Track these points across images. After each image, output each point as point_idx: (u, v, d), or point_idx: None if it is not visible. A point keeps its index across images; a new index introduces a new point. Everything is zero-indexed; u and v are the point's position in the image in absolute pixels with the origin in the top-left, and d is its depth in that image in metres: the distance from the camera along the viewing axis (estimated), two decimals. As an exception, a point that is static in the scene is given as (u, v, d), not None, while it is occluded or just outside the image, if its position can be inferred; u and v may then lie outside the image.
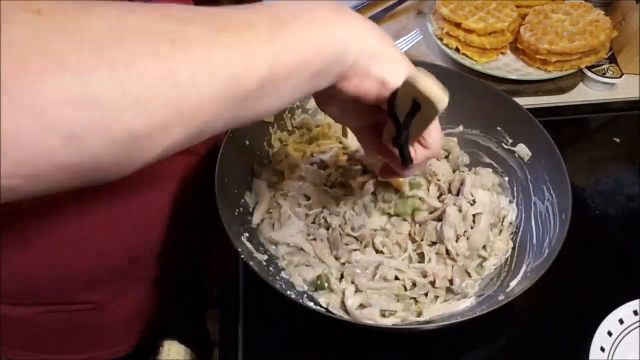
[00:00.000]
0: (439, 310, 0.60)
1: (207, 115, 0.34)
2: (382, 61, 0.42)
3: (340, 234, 0.64)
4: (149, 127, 0.32)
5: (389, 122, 0.47)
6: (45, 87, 0.28)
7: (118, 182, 0.36)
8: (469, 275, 0.63)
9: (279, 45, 0.36)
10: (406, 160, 0.47)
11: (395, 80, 0.43)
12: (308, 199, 0.67)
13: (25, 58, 0.28)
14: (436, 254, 0.63)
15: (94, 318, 0.69)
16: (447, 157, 0.75)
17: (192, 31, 0.33)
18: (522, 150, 0.70)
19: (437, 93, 0.40)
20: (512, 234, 0.68)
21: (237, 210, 0.66)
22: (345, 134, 0.73)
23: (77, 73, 0.29)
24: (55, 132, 0.29)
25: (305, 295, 0.62)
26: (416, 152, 0.48)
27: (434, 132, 0.48)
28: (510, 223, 0.68)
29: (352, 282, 0.62)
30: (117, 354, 0.75)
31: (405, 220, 0.67)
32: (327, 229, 0.65)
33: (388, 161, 0.54)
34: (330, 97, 0.47)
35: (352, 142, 0.73)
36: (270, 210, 0.67)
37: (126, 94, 0.30)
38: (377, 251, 0.64)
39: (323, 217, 0.65)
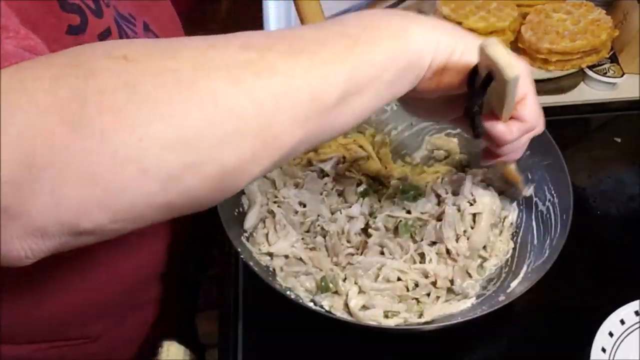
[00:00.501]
0: (440, 310, 0.60)
1: (292, 140, 0.35)
2: (456, 53, 0.42)
3: (339, 239, 0.64)
4: (239, 160, 0.32)
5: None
6: (142, 135, 0.28)
7: None
8: (470, 275, 0.63)
9: (354, 61, 0.37)
10: (477, 132, 0.46)
11: (468, 58, 0.42)
12: (304, 206, 0.67)
13: (120, 107, 0.28)
14: (436, 253, 0.63)
15: (90, 350, 0.68)
16: (446, 157, 0.75)
17: (271, 58, 0.34)
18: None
19: (505, 59, 0.39)
20: (513, 234, 0.67)
21: (236, 210, 0.66)
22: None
23: (170, 117, 0.29)
24: (153, 177, 0.29)
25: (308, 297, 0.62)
26: (512, 128, 0.46)
27: (527, 103, 0.46)
28: (512, 223, 0.68)
29: (356, 283, 0.62)
30: None
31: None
32: (324, 237, 0.64)
33: (488, 144, 0.52)
34: (417, 100, 0.46)
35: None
36: (264, 219, 0.66)
37: (217, 131, 0.31)
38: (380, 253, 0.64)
39: (319, 225, 0.65)
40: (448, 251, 0.63)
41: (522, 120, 0.46)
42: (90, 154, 0.27)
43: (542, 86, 0.91)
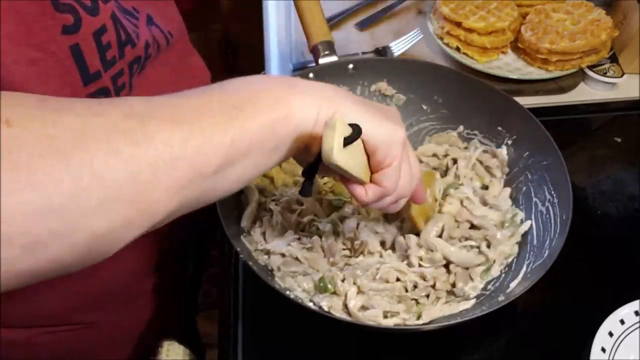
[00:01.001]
0: (439, 311, 0.60)
1: (167, 207, 0.35)
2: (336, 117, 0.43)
3: (335, 240, 0.64)
4: (111, 227, 0.33)
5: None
6: (12, 201, 0.28)
7: None
8: (472, 279, 0.62)
9: (234, 131, 0.38)
10: (303, 190, 0.47)
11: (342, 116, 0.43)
12: (301, 205, 0.67)
13: None
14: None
15: (87, 337, 0.69)
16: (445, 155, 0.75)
17: (151, 127, 0.34)
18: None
19: (329, 144, 0.40)
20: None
21: (236, 210, 0.66)
22: None
23: (41, 185, 0.29)
24: (16, 243, 0.29)
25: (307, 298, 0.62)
26: (368, 191, 0.48)
27: (388, 171, 0.47)
28: (525, 232, 0.66)
29: (354, 284, 0.62)
30: None
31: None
32: (320, 237, 0.64)
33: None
34: (301, 155, 0.47)
35: None
36: (261, 217, 0.66)
37: (88, 199, 0.31)
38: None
39: (314, 225, 0.65)
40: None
41: (379, 185, 0.48)
42: None
43: (542, 86, 0.91)
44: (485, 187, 0.71)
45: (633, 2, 0.91)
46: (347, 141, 0.41)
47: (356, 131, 0.42)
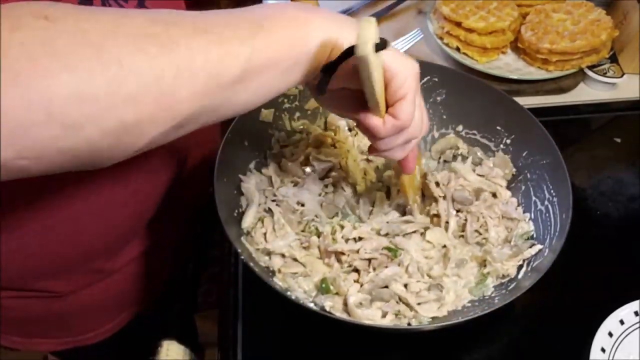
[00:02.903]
0: (439, 310, 0.60)
1: (189, 109, 0.39)
2: (345, 41, 0.44)
3: (333, 240, 0.63)
4: (137, 119, 0.36)
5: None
6: (51, 84, 0.32)
7: (98, 173, 0.39)
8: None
9: (255, 44, 0.40)
10: (319, 88, 0.46)
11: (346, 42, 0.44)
12: (302, 205, 0.67)
13: (36, 59, 0.32)
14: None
15: (58, 306, 0.70)
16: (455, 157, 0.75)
17: (177, 33, 0.37)
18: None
19: (365, 37, 0.40)
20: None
21: (236, 210, 0.66)
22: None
23: (78, 72, 0.33)
24: (56, 122, 0.33)
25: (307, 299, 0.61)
26: (386, 123, 0.48)
27: (404, 103, 0.48)
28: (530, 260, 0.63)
29: (355, 281, 0.62)
30: (85, 341, 0.77)
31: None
32: (318, 237, 0.64)
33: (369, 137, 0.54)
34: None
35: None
36: (262, 218, 0.66)
37: (119, 90, 0.34)
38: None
39: (314, 226, 0.65)
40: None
41: (395, 118, 0.48)
42: (4, 94, 0.31)
43: (542, 86, 0.91)
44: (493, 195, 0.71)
45: (633, 2, 0.91)
46: (379, 47, 0.41)
47: (384, 41, 0.42)
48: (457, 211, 0.68)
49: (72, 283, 0.69)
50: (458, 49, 0.93)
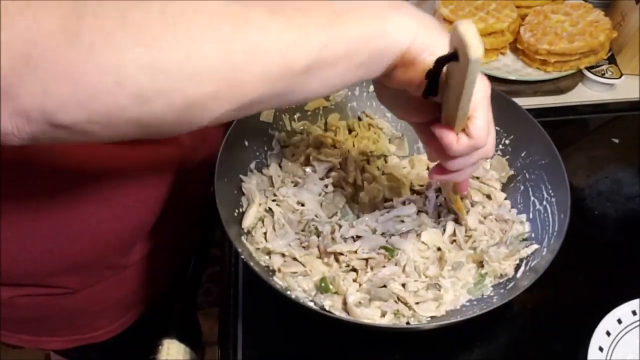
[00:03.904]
0: (437, 309, 0.60)
1: (256, 91, 0.38)
2: (428, 51, 0.43)
3: (332, 240, 0.64)
4: (204, 96, 0.36)
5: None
6: (123, 55, 0.33)
7: (110, 174, 0.38)
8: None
9: (331, 33, 0.39)
10: (429, 90, 0.44)
11: (434, 52, 0.42)
12: (302, 205, 0.67)
13: (109, 29, 0.33)
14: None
15: (68, 303, 0.70)
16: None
17: (252, 15, 0.37)
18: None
19: (474, 39, 0.38)
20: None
21: (237, 210, 0.66)
22: None
23: (150, 45, 0.33)
24: (126, 92, 0.34)
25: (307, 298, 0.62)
26: (461, 139, 0.46)
27: (478, 120, 0.46)
28: (525, 257, 0.64)
29: (354, 281, 0.62)
30: (93, 339, 0.77)
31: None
32: (317, 237, 0.64)
33: (438, 157, 0.52)
34: (384, 88, 0.48)
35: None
36: (263, 218, 0.66)
37: (189, 66, 0.35)
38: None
39: (313, 225, 0.65)
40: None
41: (470, 136, 0.46)
42: (77, 61, 0.32)
43: (541, 87, 0.91)
44: (487, 196, 0.71)
45: (631, 3, 0.91)
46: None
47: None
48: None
49: (84, 280, 0.69)
50: (457, 50, 0.93)
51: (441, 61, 0.41)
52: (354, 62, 0.41)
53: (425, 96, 0.44)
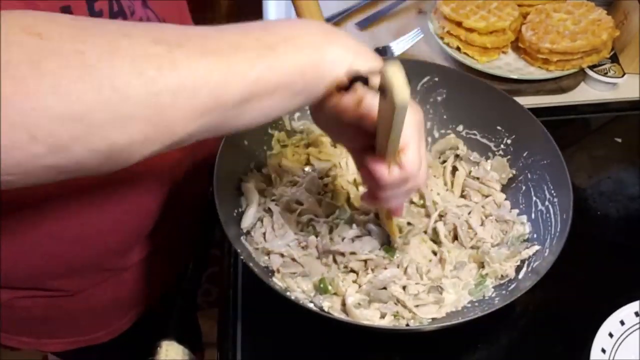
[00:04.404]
0: (438, 311, 0.60)
1: (187, 129, 0.37)
2: (359, 70, 0.43)
3: (330, 240, 0.63)
4: (129, 140, 0.35)
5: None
6: (37, 105, 0.31)
7: (109, 177, 0.38)
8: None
9: (264, 66, 0.39)
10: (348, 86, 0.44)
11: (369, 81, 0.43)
12: (300, 204, 0.67)
13: (23, 78, 0.31)
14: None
15: (68, 305, 0.70)
16: (457, 156, 0.74)
17: (179, 55, 0.36)
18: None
19: (401, 83, 0.38)
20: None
21: (236, 210, 0.66)
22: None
23: (66, 94, 0.32)
24: (42, 143, 0.32)
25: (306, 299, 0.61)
26: (392, 171, 0.47)
27: (409, 153, 0.46)
28: (527, 258, 0.63)
29: (354, 282, 0.62)
30: (93, 341, 0.77)
31: None
32: (316, 237, 0.64)
33: (369, 184, 0.52)
34: (320, 112, 0.47)
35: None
36: (262, 218, 0.66)
37: (109, 113, 0.33)
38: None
39: (312, 225, 0.65)
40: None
41: (402, 168, 0.47)
42: None
43: (543, 86, 0.91)
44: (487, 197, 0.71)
45: (634, 2, 0.90)
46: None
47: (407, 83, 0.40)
48: (441, 217, 0.68)
49: (82, 282, 0.69)
50: (458, 49, 0.92)
51: (353, 80, 0.42)
52: (291, 92, 0.41)
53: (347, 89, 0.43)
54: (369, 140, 0.46)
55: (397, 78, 0.38)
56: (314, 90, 0.42)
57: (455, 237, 0.66)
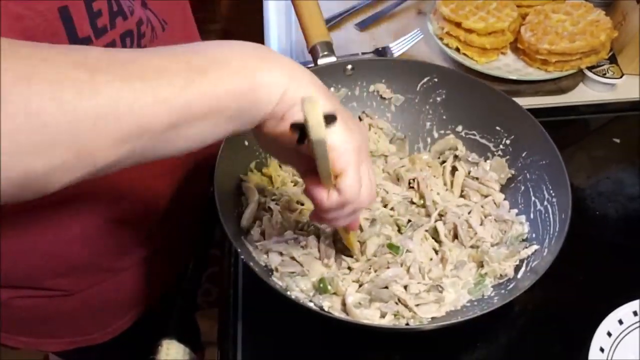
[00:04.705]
0: (438, 310, 0.60)
1: (108, 157, 0.36)
2: (297, 106, 0.41)
3: (333, 242, 0.64)
4: (47, 168, 0.34)
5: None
6: None
7: (107, 177, 0.38)
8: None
9: (194, 92, 0.37)
10: (300, 139, 0.43)
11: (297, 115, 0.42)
12: (301, 204, 0.67)
13: None
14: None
15: (67, 305, 0.70)
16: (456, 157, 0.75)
17: (100, 80, 0.34)
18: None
19: (315, 120, 0.38)
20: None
21: (236, 210, 0.66)
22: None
23: None
24: None
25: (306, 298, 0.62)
26: (331, 196, 0.46)
27: (347, 178, 0.45)
28: (526, 248, 0.64)
29: (354, 281, 0.62)
30: (92, 341, 0.77)
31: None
32: (318, 238, 0.64)
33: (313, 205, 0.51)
34: (262, 135, 0.46)
35: None
36: (262, 217, 0.66)
37: (25, 140, 0.32)
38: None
39: (312, 225, 0.65)
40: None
41: (340, 193, 0.46)
42: None
43: (542, 87, 0.91)
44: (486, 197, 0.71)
45: (632, 3, 0.91)
46: (328, 121, 0.39)
47: (333, 116, 0.40)
48: (441, 216, 0.68)
49: (81, 281, 0.69)
50: (458, 50, 0.93)
51: (294, 127, 0.41)
52: (224, 117, 0.40)
53: (299, 144, 0.42)
54: (311, 163, 0.45)
55: (311, 116, 0.38)
56: (249, 115, 0.41)
57: (455, 237, 0.67)
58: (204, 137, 0.41)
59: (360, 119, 0.78)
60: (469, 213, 0.68)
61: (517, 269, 0.63)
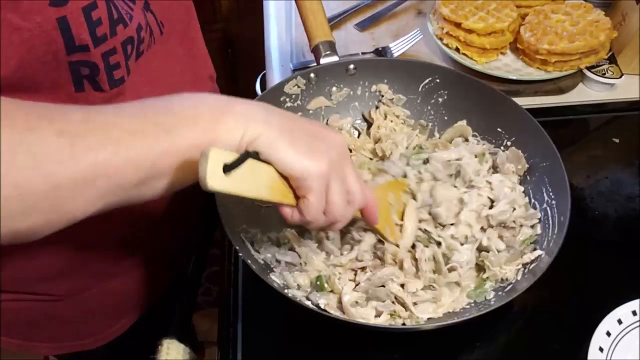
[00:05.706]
0: (436, 310, 0.60)
1: (85, 213, 0.41)
2: (255, 141, 0.45)
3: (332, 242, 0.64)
4: (31, 227, 0.38)
5: None
6: None
7: None
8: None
9: (159, 152, 0.41)
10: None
11: (270, 156, 0.45)
12: None
13: None
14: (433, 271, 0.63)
15: (58, 309, 0.70)
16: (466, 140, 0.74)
17: (80, 146, 0.38)
18: None
19: (204, 172, 0.41)
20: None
21: (236, 209, 0.66)
22: None
23: None
24: None
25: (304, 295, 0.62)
26: (293, 214, 0.50)
27: (307, 202, 0.48)
28: (537, 256, 0.62)
29: (351, 280, 0.62)
30: (86, 346, 0.77)
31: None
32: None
33: None
34: None
35: None
36: (261, 216, 0.66)
37: (10, 206, 0.36)
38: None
39: None
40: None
41: (300, 214, 0.49)
42: None
43: (541, 87, 0.91)
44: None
45: (632, 3, 0.91)
46: (232, 166, 0.42)
47: (242, 157, 0.43)
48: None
49: (73, 286, 0.69)
50: (457, 50, 0.93)
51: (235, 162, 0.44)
52: (188, 168, 0.43)
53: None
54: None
55: (202, 170, 0.41)
56: None
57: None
58: (174, 186, 0.44)
59: (376, 107, 0.78)
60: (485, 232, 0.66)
61: (516, 271, 0.63)
